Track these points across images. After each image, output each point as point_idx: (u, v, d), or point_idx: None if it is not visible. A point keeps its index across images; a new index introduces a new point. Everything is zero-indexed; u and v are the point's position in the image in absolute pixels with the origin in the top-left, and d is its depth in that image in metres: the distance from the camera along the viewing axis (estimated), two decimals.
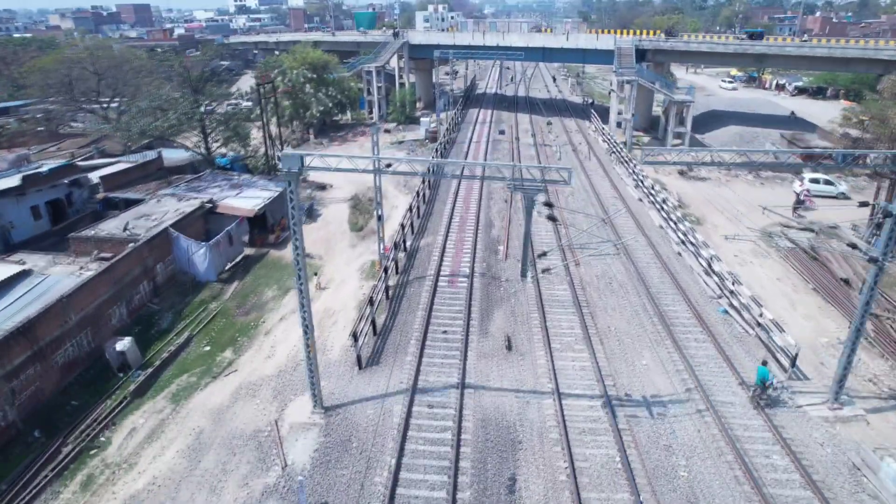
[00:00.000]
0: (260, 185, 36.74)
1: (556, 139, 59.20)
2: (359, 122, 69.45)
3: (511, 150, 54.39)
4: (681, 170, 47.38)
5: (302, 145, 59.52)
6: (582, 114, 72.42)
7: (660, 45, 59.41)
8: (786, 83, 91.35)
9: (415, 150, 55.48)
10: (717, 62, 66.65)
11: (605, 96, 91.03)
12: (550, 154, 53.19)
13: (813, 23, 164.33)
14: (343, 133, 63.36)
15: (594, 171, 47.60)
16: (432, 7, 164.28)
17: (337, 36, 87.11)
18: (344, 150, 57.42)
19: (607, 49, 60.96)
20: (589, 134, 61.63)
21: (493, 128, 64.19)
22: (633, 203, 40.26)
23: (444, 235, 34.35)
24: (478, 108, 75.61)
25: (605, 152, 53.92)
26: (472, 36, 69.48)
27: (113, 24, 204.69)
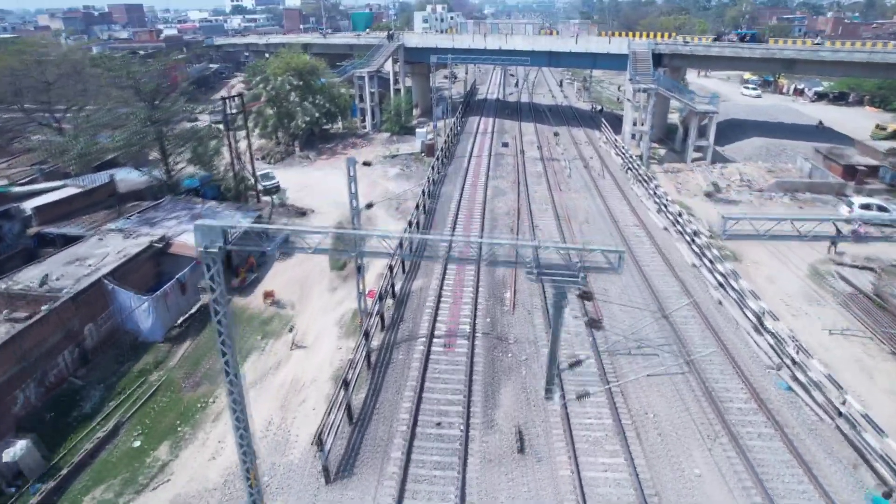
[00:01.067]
0: (225, 216, 31.58)
1: (565, 152, 54.03)
2: (351, 131, 64.26)
3: (515, 165, 49.20)
4: (707, 191, 42.16)
5: (287, 159, 54.38)
6: (591, 122, 67.24)
7: (678, 50, 54.26)
8: (804, 88, 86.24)
9: (409, 166, 50.30)
10: (741, 67, 61.49)
11: (614, 102, 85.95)
12: (559, 170, 48.02)
13: (824, 23, 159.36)
14: (332, 145, 58.18)
15: (610, 193, 42.40)
16: (431, 7, 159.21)
17: (329, 38, 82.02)
18: (331, 165, 52.28)
19: (620, 53, 55.82)
20: (600, 146, 56.46)
21: (495, 139, 59.01)
22: (658, 233, 35.08)
23: (440, 277, 29.15)
24: (478, 116, 70.44)
25: (620, 168, 48.73)
26: (473, 38, 64.38)
27: (104, 25, 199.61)
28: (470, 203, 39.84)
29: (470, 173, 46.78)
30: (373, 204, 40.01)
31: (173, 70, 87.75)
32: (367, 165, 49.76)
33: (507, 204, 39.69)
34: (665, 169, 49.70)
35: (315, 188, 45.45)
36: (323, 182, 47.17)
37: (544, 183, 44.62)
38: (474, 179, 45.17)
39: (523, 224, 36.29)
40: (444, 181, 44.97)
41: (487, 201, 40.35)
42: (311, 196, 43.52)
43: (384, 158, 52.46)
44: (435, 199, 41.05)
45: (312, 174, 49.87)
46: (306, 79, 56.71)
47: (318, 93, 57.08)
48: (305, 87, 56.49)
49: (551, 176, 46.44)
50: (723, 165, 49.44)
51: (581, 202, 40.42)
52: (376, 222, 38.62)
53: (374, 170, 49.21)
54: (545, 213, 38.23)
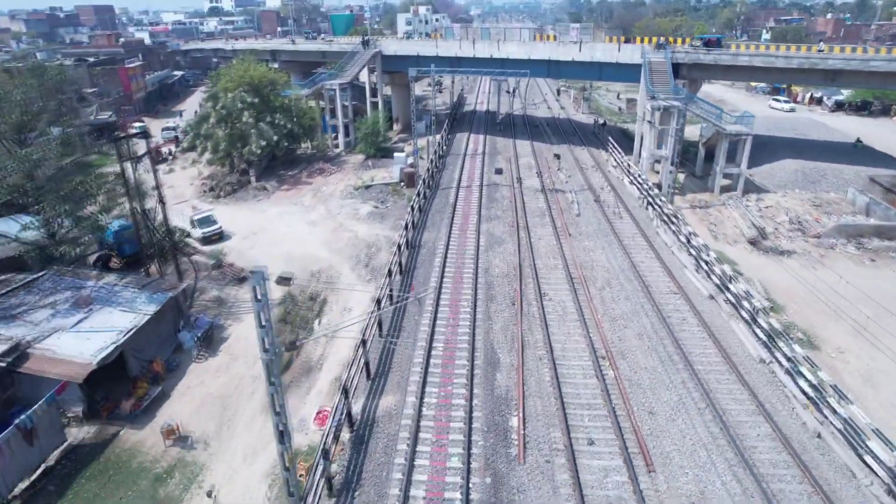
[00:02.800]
0: (124, 301, 22.95)
1: (570, 180, 45.92)
2: (320, 153, 55.74)
3: (512, 199, 40.98)
4: (752, 238, 34.20)
5: (240, 191, 45.75)
6: (594, 140, 59.26)
7: (699, 59, 46.41)
8: (822, 96, 79.05)
9: (385, 201, 41.89)
10: (774, 79, 54.04)
11: (615, 113, 78.26)
12: (565, 206, 39.88)
13: (824, 25, 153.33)
14: (297, 171, 49.60)
15: (631, 239, 34.31)
16: (413, 9, 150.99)
17: (298, 45, 73.35)
18: (292, 199, 43.76)
19: (631, 63, 47.90)
20: (609, 171, 48.44)
21: (486, 162, 50.80)
22: (702, 303, 27.01)
23: (418, 391, 20.78)
24: (467, 133, 62.19)
25: (638, 202, 40.71)
26: (460, 45, 56.18)
27: (70, 27, 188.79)
28: (458, 259, 31.51)
29: (458, 212, 38.44)
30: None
31: (126, 79, 78.77)
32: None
33: (506, 260, 31.41)
34: (690, 202, 41.77)
35: (268, 234, 36.95)
36: (279, 223, 38.68)
37: (549, 225, 36.46)
38: (463, 221, 36.87)
39: (527, 291, 28.04)
40: (427, 223, 36.62)
41: (481, 254, 32.08)
42: (260, 246, 35.02)
43: (355, 190, 44.00)
44: (414, 250, 32.70)
45: (268, 212, 41.30)
46: (264, 94, 48.12)
47: (278, 111, 48.52)
48: (263, 104, 47.92)
49: (556, 214, 38.29)
50: (758, 197, 41.61)
51: (598, 254, 32.28)
52: (338, 284, 30.22)
53: (343, 207, 40.74)
54: (554, 273, 30.02)
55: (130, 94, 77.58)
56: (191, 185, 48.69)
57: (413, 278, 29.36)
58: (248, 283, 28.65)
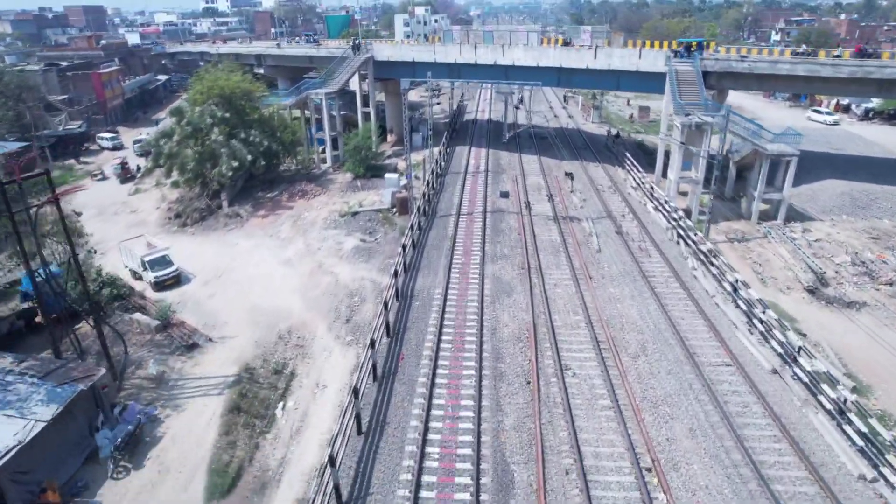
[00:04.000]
0: (14, 399, 17.31)
1: (585, 204, 40.39)
2: (305, 170, 50.21)
3: (521, 230, 35.42)
4: (810, 286, 28.61)
5: (209, 218, 40.19)
6: (608, 154, 53.73)
7: (731, 67, 40.88)
8: (850, 104, 73.47)
9: (374, 232, 36.33)
10: (817, 90, 48.76)
11: (626, 122, 72.75)
12: (583, 238, 34.34)
13: (837, 26, 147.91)
14: (276, 193, 44.00)
15: (665, 286, 28.73)
16: (411, 9, 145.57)
17: (283, 49, 67.80)
18: (267, 230, 38.20)
19: (654, 72, 42.37)
20: (629, 193, 42.89)
21: (490, 181, 45.27)
22: (765, 381, 21.44)
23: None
24: (467, 146, 56.65)
25: (667, 234, 35.15)
26: (460, 50, 50.65)
27: (58, 28, 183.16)
28: (458, 315, 25.92)
29: (458, 248, 32.85)
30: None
31: (100, 85, 73.08)
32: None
33: (516, 317, 25.80)
34: (725, 233, 36.23)
35: (235, 276, 31.39)
36: (249, 261, 33.10)
37: (565, 265, 30.91)
38: (465, 261, 31.30)
39: (544, 363, 22.48)
40: (421, 264, 31.04)
41: (486, 307, 26.52)
42: (224, 293, 29.47)
43: (341, 218, 38.42)
44: (406, 302, 27.14)
45: (239, 245, 35.75)
46: (238, 106, 42.55)
47: (254, 125, 42.97)
48: (237, 117, 42.37)
49: (573, 250, 32.75)
50: (804, 228, 36.10)
51: (626, 305, 26.72)
52: (311, 348, 24.67)
53: (325, 241, 35.18)
54: (576, 334, 24.47)
55: (104, 101, 71.98)
56: (157, 210, 43.20)
57: (402, 343, 23.78)
58: (198, 351, 23.16)
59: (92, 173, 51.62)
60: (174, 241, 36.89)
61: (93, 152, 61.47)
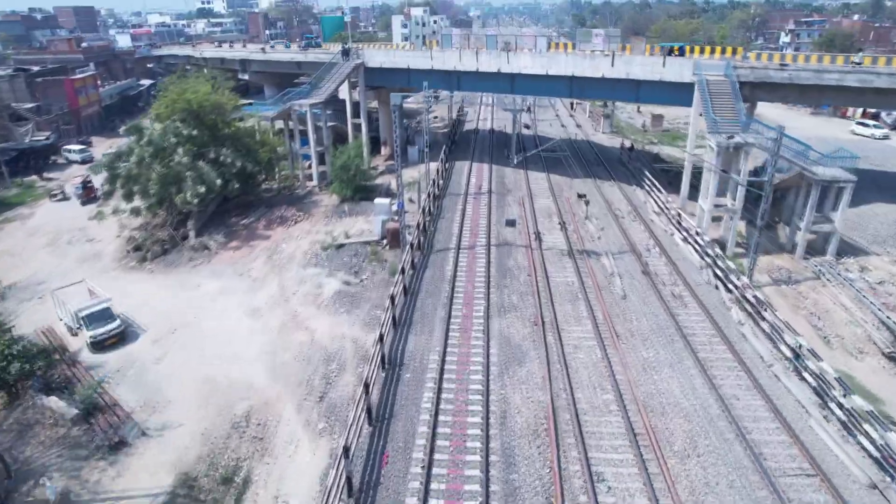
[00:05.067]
0: None
1: (603, 234, 35.33)
2: (288, 190, 45.17)
3: (532, 269, 30.33)
4: (891, 353, 23.50)
5: (172, 252, 35.11)
6: (623, 170, 48.69)
7: (769, 77, 35.86)
8: (878, 113, 68.30)
9: (360, 271, 31.23)
10: (868, 103, 43.79)
11: (639, 132, 67.72)
12: (605, 282, 29.25)
13: (850, 27, 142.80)
14: (252, 219, 38.91)
15: (709, 347, 23.65)
16: (406, 11, 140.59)
17: (268, 53, 62.68)
18: (238, 267, 33.14)
19: (679, 82, 37.34)
20: (651, 219, 37.83)
21: (493, 204, 40.21)
22: (859, 498, 16.42)
23: None
24: (468, 161, 51.56)
25: (700, 271, 30.08)
26: (460, 57, 45.57)
27: (47, 30, 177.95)
28: (459, 394, 20.82)
29: (458, 296, 27.73)
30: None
31: (72, 92, 67.93)
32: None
33: (530, 397, 20.70)
34: (769, 271, 31.14)
35: (191, 332, 26.32)
36: (212, 311, 28.03)
37: (586, 317, 25.85)
38: (466, 313, 26.22)
39: (570, 472, 17.41)
40: (414, 317, 25.96)
41: (492, 381, 21.49)
42: (174, 357, 24.40)
43: (323, 251, 33.35)
44: (394, 372, 22.09)
45: (203, 288, 30.67)
46: (208, 122, 37.49)
47: (227, 142, 37.91)
48: (208, 134, 37.31)
49: (594, 295, 27.69)
50: (861, 266, 31.06)
51: (664, 377, 21.65)
52: (273, 440, 19.61)
53: (302, 283, 30.09)
54: (606, 422, 19.39)
55: (78, 109, 66.84)
56: (118, 238, 38.16)
57: (387, 436, 18.74)
58: (126, 452, 17.91)
59: (51, 193, 46.50)
60: (129, 282, 31.89)
61: (60, 166, 56.42)
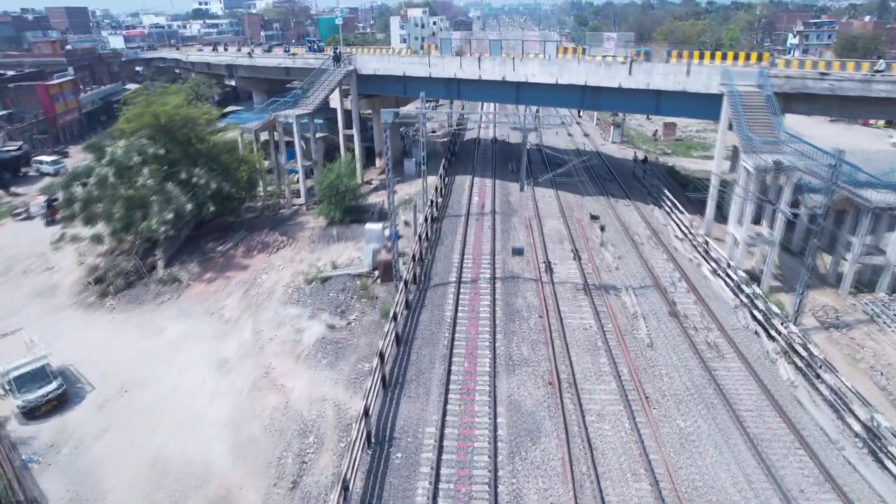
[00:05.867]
0: None
1: (620, 263, 31.45)
2: (271, 210, 41.31)
3: (544, 310, 26.46)
4: None
5: (137, 285, 31.21)
6: (637, 186, 44.87)
7: (806, 87, 32.02)
8: None
9: (347, 311, 27.32)
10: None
11: (650, 141, 63.93)
12: (627, 325, 25.38)
13: (862, 28, 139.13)
14: (231, 246, 34.98)
15: (758, 416, 19.75)
16: (402, 12, 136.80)
17: (255, 58, 58.78)
18: (211, 302, 29.26)
19: (706, 93, 33.49)
20: (674, 246, 33.96)
21: (498, 227, 36.37)
22: None
23: None
24: (470, 176, 47.67)
25: (736, 312, 26.21)
26: (461, 63, 41.73)
27: (38, 31, 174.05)
28: (460, 487, 17.00)
29: (459, 345, 23.86)
30: None
31: (48, 98, 64.02)
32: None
33: (549, 491, 16.82)
34: (813, 311, 27.23)
35: (147, 392, 22.46)
36: (174, 363, 24.14)
37: (609, 374, 21.98)
38: (468, 368, 22.34)
39: None
40: (407, 374, 22.10)
41: (501, 469, 17.62)
42: (122, 427, 20.55)
43: (307, 285, 29.49)
44: (381, 451, 18.24)
45: (167, 331, 26.77)
46: (181, 136, 33.64)
47: (201, 160, 34.08)
48: (180, 151, 33.47)
49: (616, 343, 23.84)
50: None
51: (710, 465, 17.77)
52: None
53: (281, 325, 26.22)
54: None
55: (54, 116, 62.96)
56: (80, 266, 34.30)
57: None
58: None
59: (13, 211, 42.61)
60: (86, 323, 28.02)
61: (31, 179, 52.53)
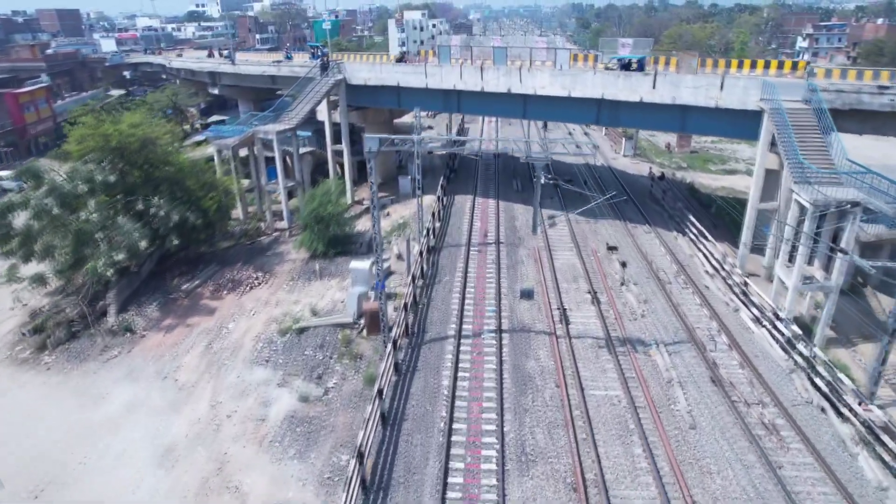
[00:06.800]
0: None
1: (647, 309, 26.98)
2: (249, 238, 36.89)
3: (559, 376, 22.00)
4: None
5: (83, 336, 26.71)
6: (655, 208, 40.47)
7: (861, 103, 27.56)
8: None
9: (326, 374, 22.82)
10: None
11: (663, 152, 59.60)
12: (661, 399, 20.94)
13: (874, 31, 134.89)
14: (199, 283, 30.49)
15: None
16: (398, 15, 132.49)
17: (238, 66, 54.34)
18: (166, 359, 24.77)
19: (741, 109, 29.04)
20: (704, 283, 29.49)
21: (503, 262, 31.92)
22: None
23: None
24: (471, 195, 43.28)
25: (793, 382, 21.76)
26: (461, 73, 37.28)
27: (28, 33, 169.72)
28: None
29: (458, 427, 19.42)
30: None
31: (16, 108, 59.66)
32: None
33: None
34: (885, 378, 22.76)
35: (68, 494, 17.95)
36: (106, 451, 19.66)
37: (646, 469, 17.51)
38: (471, 465, 17.85)
39: None
40: (394, 472, 17.60)
41: None
42: None
43: (280, 337, 25.03)
44: None
45: (108, 403, 22.27)
46: (138, 160, 29.18)
47: (165, 185, 29.63)
48: (139, 175, 29.02)
49: (650, 423, 19.37)
50: None
51: None
52: None
53: (244, 394, 21.70)
54: None
55: (24, 126, 58.55)
56: (23, 308, 29.84)
57: None
58: None
59: None
60: (13, 386, 23.55)
61: None
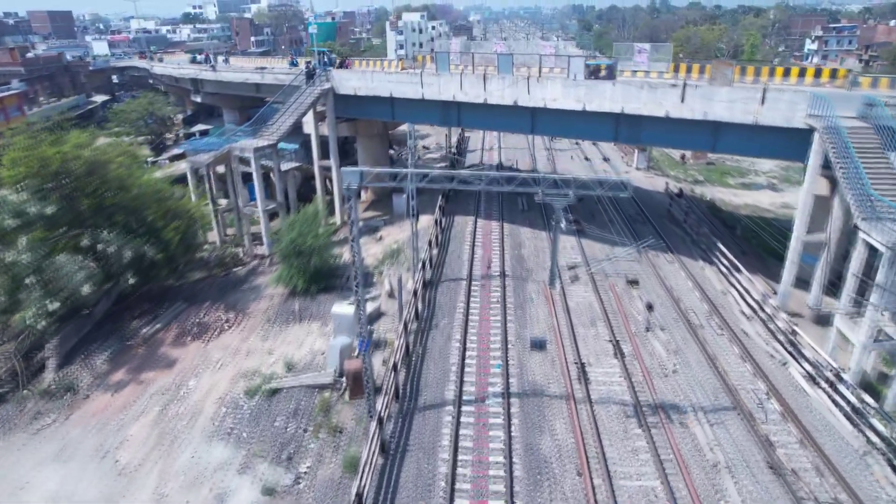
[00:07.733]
0: None
1: (679, 363, 23.01)
2: (225, 265, 32.93)
3: (581, 458, 18.01)
4: None
5: (13, 398, 22.71)
6: (677, 231, 36.55)
7: None
8: None
9: (298, 455, 18.83)
10: None
11: (677, 164, 55.73)
12: (708, 491, 16.95)
13: (886, 34, 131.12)
14: (161, 326, 26.52)
15: None
16: (393, 17, 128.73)
17: (220, 73, 50.38)
18: (108, 430, 20.74)
19: (785, 127, 25.09)
20: (743, 329, 25.53)
21: (509, 301, 27.92)
22: None
23: None
24: (472, 217, 39.29)
25: (865, 463, 17.76)
26: (461, 83, 33.32)
27: (18, 35, 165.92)
28: None
29: None
30: None
31: None
32: None
33: None
34: None
35: None
36: None
37: None
38: None
39: None
40: None
41: None
42: None
43: (248, 399, 21.02)
44: None
45: (30, 493, 18.23)
46: (85, 187, 25.19)
47: (120, 214, 25.66)
48: (89, 204, 25.05)
49: None
50: None
51: None
52: None
53: (199, 482, 17.70)
54: None
55: None
56: None
57: None
58: None
59: None
60: None
61: None
